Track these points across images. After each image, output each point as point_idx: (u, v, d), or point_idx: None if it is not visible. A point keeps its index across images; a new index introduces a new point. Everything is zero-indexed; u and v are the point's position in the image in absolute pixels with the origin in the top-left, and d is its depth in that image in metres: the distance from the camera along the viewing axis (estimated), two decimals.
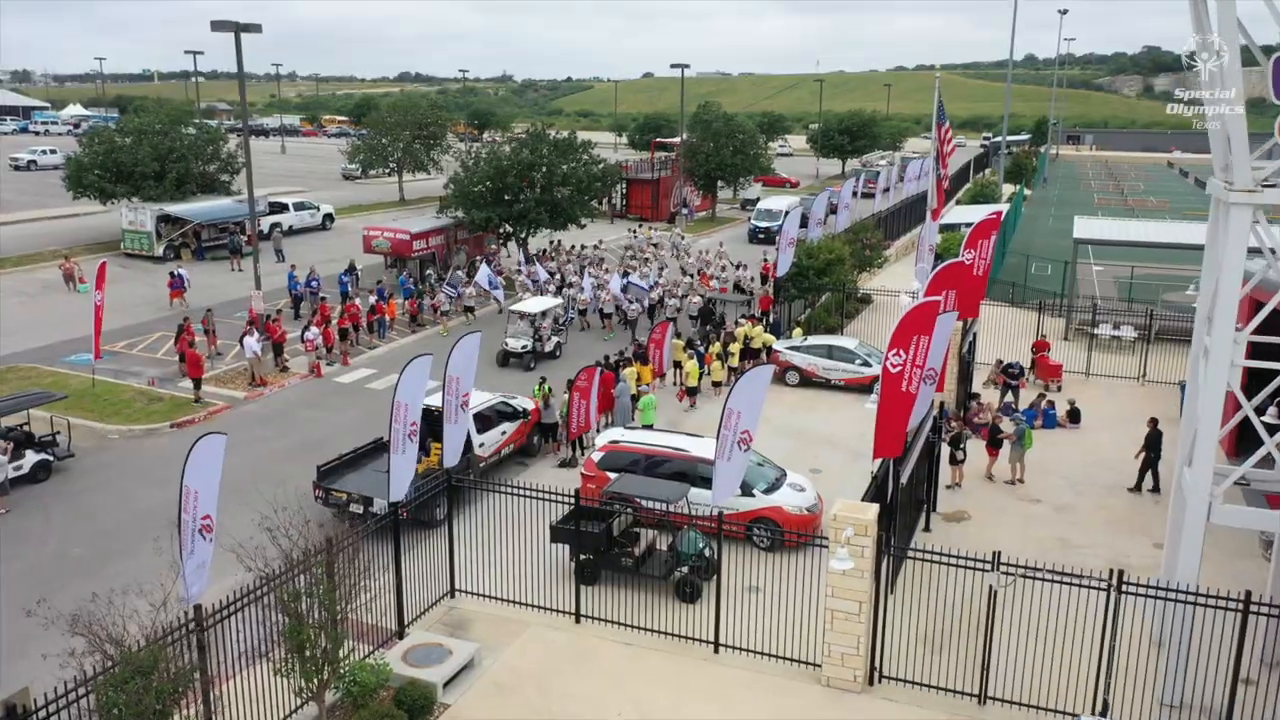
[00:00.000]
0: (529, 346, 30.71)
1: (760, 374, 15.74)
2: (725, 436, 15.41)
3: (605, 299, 35.52)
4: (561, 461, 23.47)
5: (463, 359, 16.90)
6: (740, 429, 15.25)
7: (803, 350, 29.70)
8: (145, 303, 37.82)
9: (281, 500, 20.86)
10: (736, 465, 15.72)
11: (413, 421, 16.02)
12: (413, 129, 65.98)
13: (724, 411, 15.39)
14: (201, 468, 13.47)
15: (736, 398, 15.34)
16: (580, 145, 44.07)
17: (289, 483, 21.48)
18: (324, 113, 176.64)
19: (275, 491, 21.78)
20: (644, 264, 42.02)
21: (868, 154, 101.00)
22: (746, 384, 15.36)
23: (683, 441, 20.30)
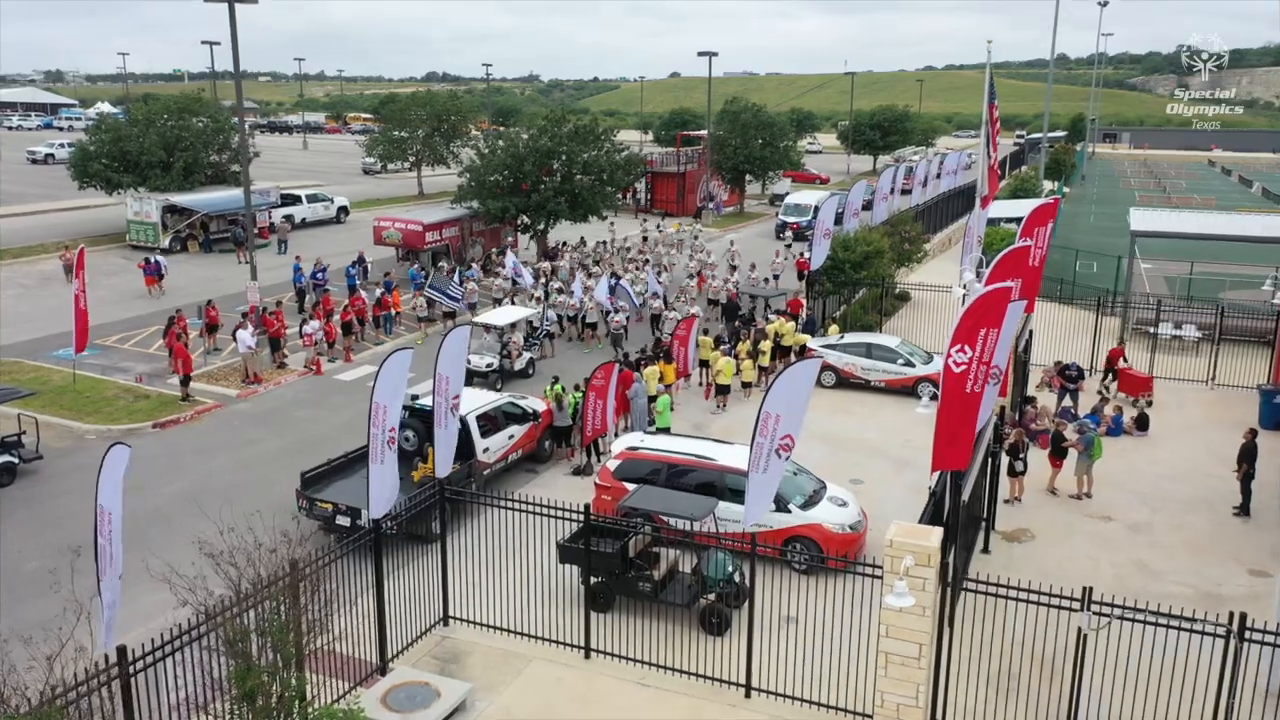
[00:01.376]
0: (495, 365, 26.61)
1: (803, 371, 13.48)
2: (760, 444, 13.20)
3: (590, 307, 31.36)
4: (575, 468, 21.34)
5: (452, 356, 14.79)
6: (779, 435, 13.02)
7: (839, 349, 27.41)
8: (145, 296, 36.07)
9: (270, 505, 19.04)
10: (773, 477, 13.52)
11: (392, 427, 13.92)
12: (432, 121, 64.12)
13: (759, 415, 13.18)
14: (108, 485, 11.37)
15: (775, 399, 13.11)
16: (602, 133, 41.87)
17: (275, 489, 19.62)
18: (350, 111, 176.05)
19: (258, 499, 20.03)
20: (639, 267, 37.16)
21: (900, 149, 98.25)
22: (787, 382, 13.13)
23: (710, 449, 18.09)
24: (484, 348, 27.10)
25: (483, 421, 19.74)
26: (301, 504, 17.77)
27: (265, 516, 18.86)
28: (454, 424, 15.35)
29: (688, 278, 37.88)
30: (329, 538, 17.51)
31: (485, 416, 19.92)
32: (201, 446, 22.26)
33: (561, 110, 41.25)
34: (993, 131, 24.66)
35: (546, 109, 42.02)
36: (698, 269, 38.58)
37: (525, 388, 25.67)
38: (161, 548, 16.21)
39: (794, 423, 13.20)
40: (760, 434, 13.10)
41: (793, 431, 13.18)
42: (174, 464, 21.24)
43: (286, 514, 18.22)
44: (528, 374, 27.65)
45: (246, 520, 16.68)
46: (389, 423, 13.72)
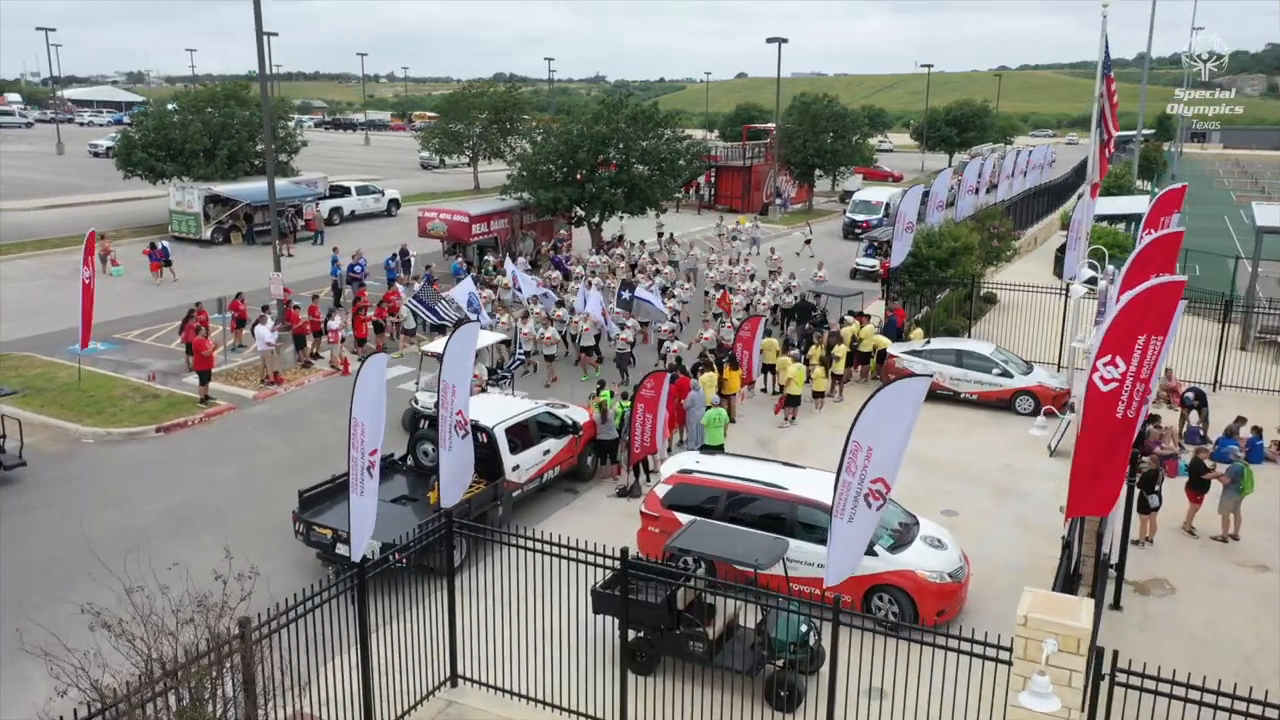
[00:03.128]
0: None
1: (906, 391, 10.41)
2: (846, 484, 10.25)
3: (585, 328, 25.43)
4: (620, 489, 18.54)
5: (459, 359, 12.11)
6: (870, 474, 10.05)
7: (925, 356, 24.21)
8: (178, 288, 34.20)
9: (268, 524, 16.59)
10: (861, 530, 10.55)
11: (373, 450, 11.27)
12: (489, 113, 61.98)
13: (847, 446, 10.23)
14: None
15: (867, 426, 10.14)
16: (663, 119, 38.97)
17: (276, 506, 17.14)
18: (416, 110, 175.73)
19: (256, 516, 17.03)
20: (655, 274, 32.05)
21: (977, 146, 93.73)
22: (885, 404, 10.14)
23: (778, 474, 15.15)
24: (432, 385, 19.95)
25: (513, 434, 17.05)
26: (298, 528, 15.25)
27: (258, 539, 16.32)
28: (462, 444, 12.65)
29: (708, 291, 31.21)
30: (328, 569, 14.98)
31: (516, 429, 17.23)
32: (206, 453, 19.95)
33: (620, 94, 38.38)
34: (1109, 107, 21.25)
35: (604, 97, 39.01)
36: (722, 280, 32.17)
37: None
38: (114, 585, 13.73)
39: (890, 460, 10.22)
40: (847, 470, 10.16)
41: (887, 473, 10.19)
42: (172, 473, 18.95)
43: (284, 536, 15.76)
44: None
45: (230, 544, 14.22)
46: (369, 444, 11.07)
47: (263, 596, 14.39)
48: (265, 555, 15.61)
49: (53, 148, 79.54)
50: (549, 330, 25.17)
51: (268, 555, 15.67)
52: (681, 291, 30.55)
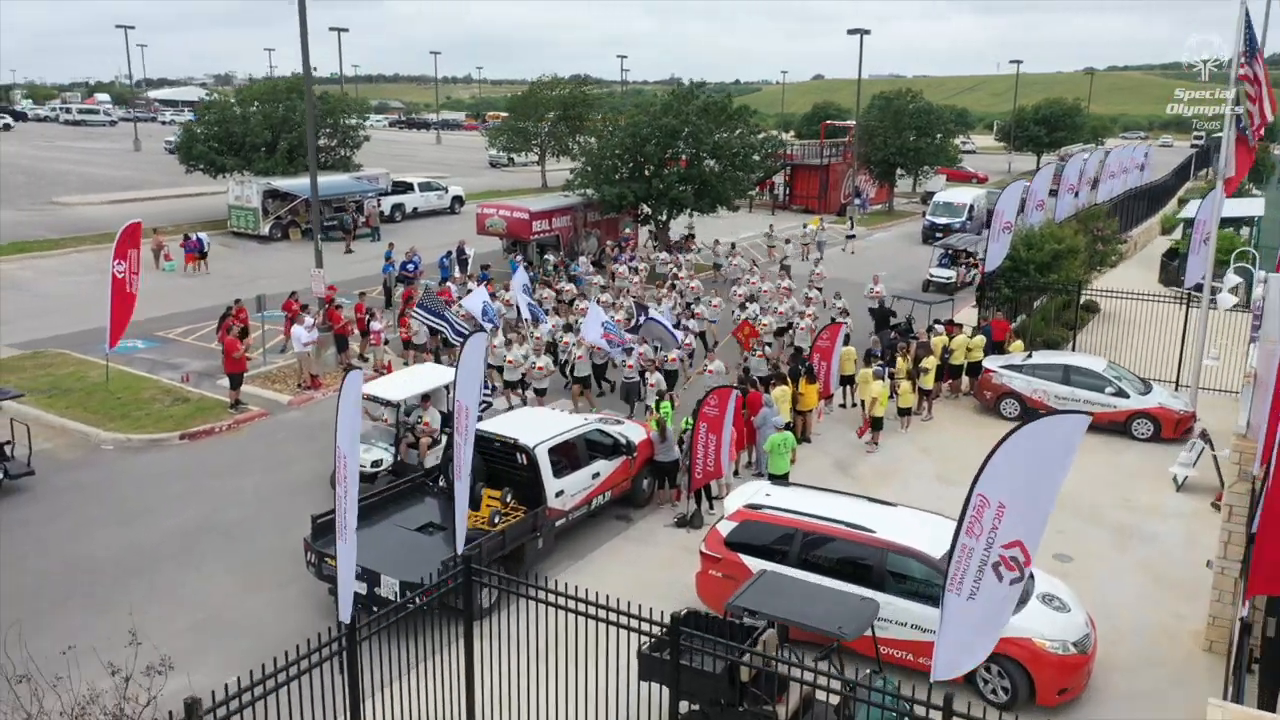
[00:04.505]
0: (381, 463, 16.84)
1: (1055, 430, 7.89)
2: (967, 550, 7.95)
3: (579, 355, 21.35)
4: (679, 518, 16.38)
5: (473, 374, 10.10)
6: (1002, 538, 7.73)
7: (1027, 371, 21.59)
8: (232, 285, 33.00)
9: (283, 550, 14.88)
10: (986, 609, 8.18)
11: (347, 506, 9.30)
12: (558, 110, 60.34)
13: (970, 499, 7.94)
14: None
15: (998, 475, 7.82)
16: (737, 111, 36.62)
17: (294, 530, 15.28)
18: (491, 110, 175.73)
19: (270, 540, 15.07)
20: (671, 287, 28.05)
21: (1067, 147, 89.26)
22: (1026, 448, 7.75)
23: (863, 512, 12.85)
24: (375, 434, 17.46)
25: (557, 455, 15.02)
26: (309, 558, 13.41)
27: (270, 566, 14.32)
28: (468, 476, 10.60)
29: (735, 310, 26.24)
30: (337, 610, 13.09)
31: (561, 449, 15.19)
32: (230, 464, 18.34)
33: (691, 84, 36.15)
34: (1264, 94, 18.32)
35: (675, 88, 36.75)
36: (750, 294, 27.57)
37: None
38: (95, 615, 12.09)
39: (1031, 521, 7.85)
40: (968, 532, 7.86)
41: (1027, 538, 7.83)
42: (191, 486, 17.35)
43: (300, 563, 13.95)
44: (441, 475, 15.74)
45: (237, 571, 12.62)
46: (354, 478, 9.10)
47: (261, 639, 12.67)
48: (277, 585, 13.93)
49: (131, 144, 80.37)
50: (540, 359, 20.82)
51: (279, 586, 13.96)
52: (709, 309, 25.90)
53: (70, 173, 61.83)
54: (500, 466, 14.86)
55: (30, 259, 36.19)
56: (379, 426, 17.66)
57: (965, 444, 20.28)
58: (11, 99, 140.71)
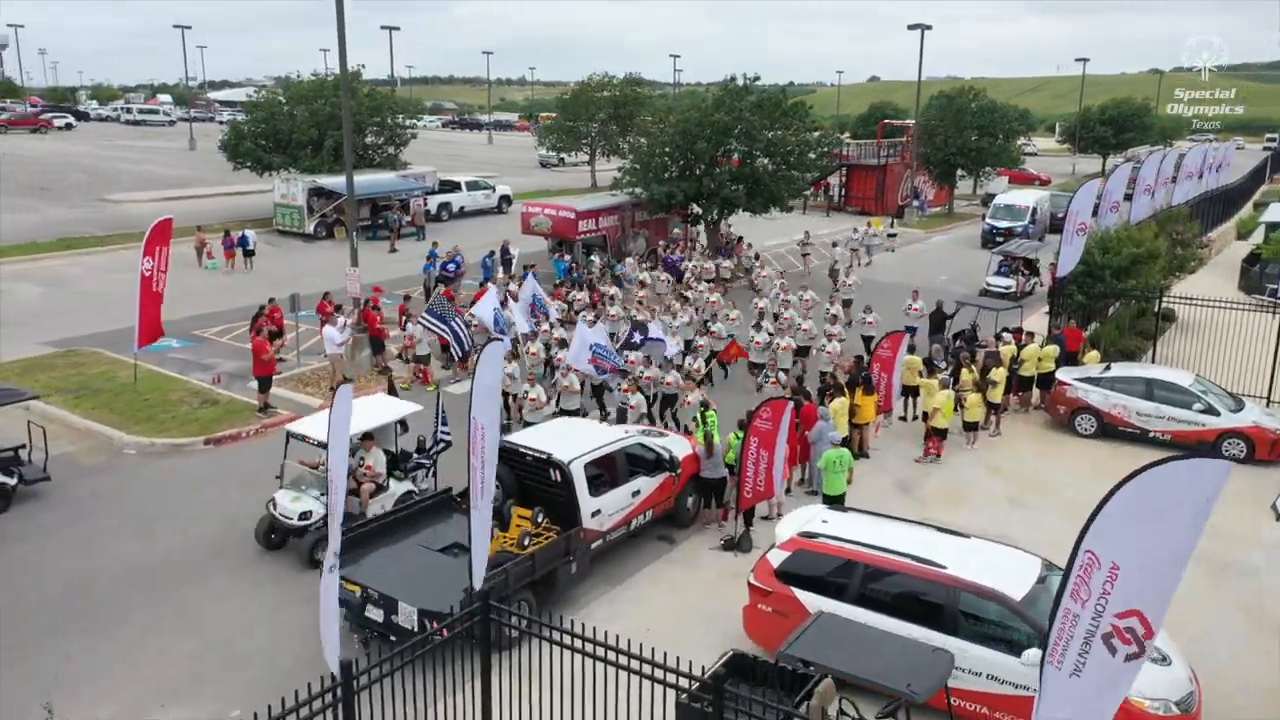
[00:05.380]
0: (310, 515, 14.09)
1: (1188, 477, 6.34)
2: (1071, 616, 6.61)
3: (566, 385, 18.77)
4: (726, 541, 15.12)
5: (490, 390, 8.99)
6: (1115, 605, 6.38)
7: (1105, 385, 19.98)
8: (274, 283, 32.38)
9: (298, 569, 13.93)
10: (1093, 685, 6.80)
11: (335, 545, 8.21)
12: (608, 109, 59.33)
13: (1076, 556, 6.61)
14: None
15: (1112, 528, 6.47)
16: (792, 107, 35.20)
17: (288, 553, 14.38)
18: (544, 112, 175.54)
19: (286, 558, 14.05)
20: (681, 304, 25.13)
21: (1135, 148, 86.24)
22: (1148, 498, 6.34)
23: (933, 544, 11.50)
24: (303, 481, 14.78)
25: (594, 471, 13.86)
26: None
27: (283, 585, 13.38)
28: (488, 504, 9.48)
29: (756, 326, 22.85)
30: (353, 638, 12.09)
31: (599, 464, 14.03)
32: (253, 473, 17.38)
33: (744, 79, 34.76)
34: None
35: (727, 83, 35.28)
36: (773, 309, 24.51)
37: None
38: None
39: (1154, 588, 6.44)
40: (1073, 595, 6.54)
41: (1148, 607, 6.42)
42: (210, 495, 16.49)
43: (316, 582, 12.93)
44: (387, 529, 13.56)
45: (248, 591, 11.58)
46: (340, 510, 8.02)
47: (268, 669, 11.69)
48: (291, 607, 12.95)
49: (187, 144, 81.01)
50: (534, 390, 18.25)
51: (293, 608, 12.98)
52: (726, 325, 23.24)
53: (125, 171, 62.27)
54: (532, 483, 13.75)
55: (76, 255, 36.03)
56: (299, 471, 14.92)
57: (1038, 463, 18.81)
58: (76, 99, 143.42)
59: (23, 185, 52.89)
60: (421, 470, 15.76)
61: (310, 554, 13.80)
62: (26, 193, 50.37)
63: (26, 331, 25.61)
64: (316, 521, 13.98)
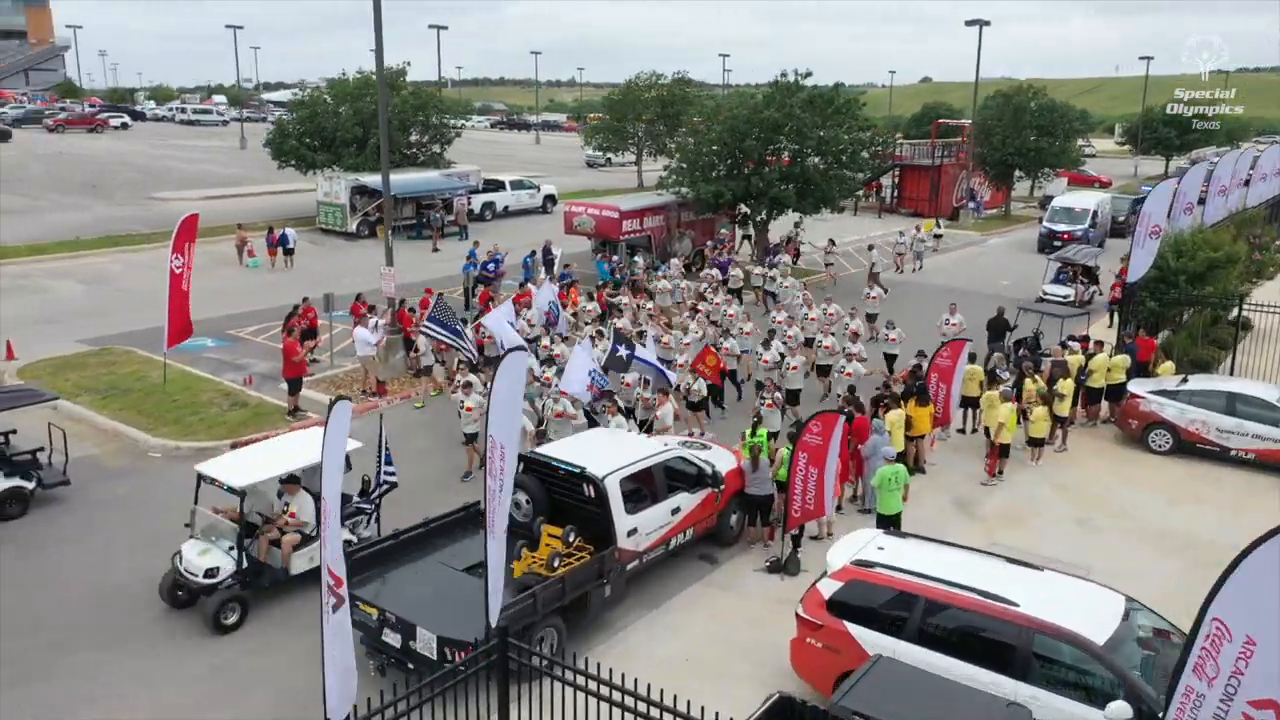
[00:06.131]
0: (219, 572, 12.31)
1: None
2: (1193, 694, 5.56)
3: (559, 411, 16.90)
4: (771, 562, 14.12)
5: (509, 404, 8.10)
6: (1251, 689, 5.31)
7: (1182, 398, 18.62)
8: (314, 282, 31.94)
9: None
10: None
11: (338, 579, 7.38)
12: (655, 108, 58.41)
13: (1199, 626, 5.54)
14: None
15: (1244, 594, 5.37)
16: (845, 104, 33.98)
17: None
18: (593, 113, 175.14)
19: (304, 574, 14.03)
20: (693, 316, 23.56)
21: (1200, 149, 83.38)
22: None
23: (1002, 576, 10.39)
24: (215, 531, 12.91)
25: (631, 487, 12.93)
26: None
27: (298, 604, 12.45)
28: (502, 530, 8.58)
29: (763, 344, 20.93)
30: (369, 664, 11.28)
31: (636, 479, 13.10)
32: None
33: (796, 75, 33.57)
34: None
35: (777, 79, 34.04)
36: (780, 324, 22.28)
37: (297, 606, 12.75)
38: None
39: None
40: (1197, 670, 5.53)
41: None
42: None
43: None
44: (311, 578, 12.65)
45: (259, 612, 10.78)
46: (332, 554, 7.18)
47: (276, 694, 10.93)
48: (305, 627, 12.15)
49: (238, 143, 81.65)
50: (528, 421, 16.34)
51: (308, 628, 12.09)
52: (741, 339, 21.47)
53: (175, 169, 62.75)
54: (563, 498, 12.85)
55: (120, 253, 35.94)
56: (209, 518, 12.99)
57: (1108, 481, 17.54)
58: (134, 100, 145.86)
59: (75, 183, 53.41)
60: (362, 517, 13.70)
61: (215, 618, 11.99)
62: (77, 190, 50.79)
63: (64, 329, 25.36)
64: (225, 579, 12.20)
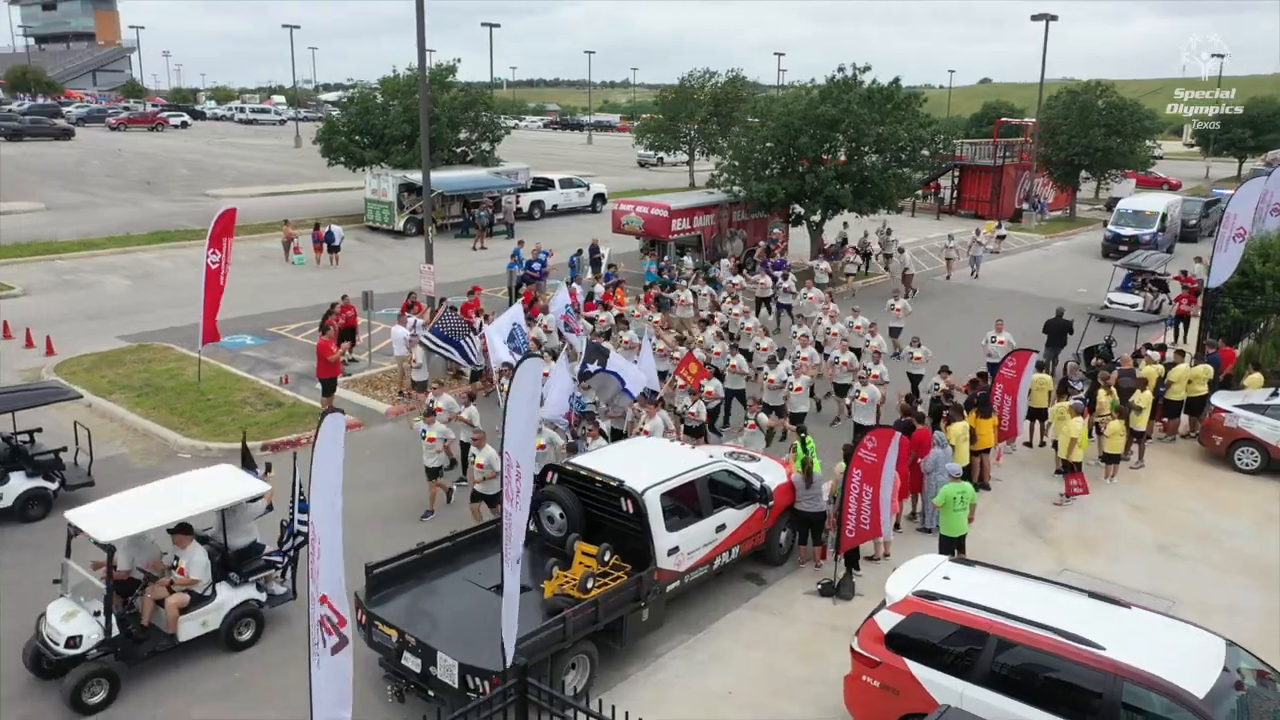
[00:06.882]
0: (81, 641, 10.35)
1: None
2: None
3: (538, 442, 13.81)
4: (824, 585, 13.10)
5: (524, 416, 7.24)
6: None
7: (1272, 412, 17.24)
8: (358, 280, 31.55)
9: None
10: None
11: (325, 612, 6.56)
12: (709, 106, 57.37)
13: None
14: None
15: None
16: (905, 99, 32.68)
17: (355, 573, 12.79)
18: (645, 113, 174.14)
19: None
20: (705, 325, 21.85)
21: (1275, 150, 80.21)
22: None
23: (1086, 615, 9.27)
24: (85, 591, 10.90)
25: (672, 502, 12.01)
26: (360, 618, 10.85)
27: None
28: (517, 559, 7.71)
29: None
30: (387, 689, 10.51)
31: (678, 494, 12.17)
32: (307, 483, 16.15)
33: (854, 69, 32.30)
34: None
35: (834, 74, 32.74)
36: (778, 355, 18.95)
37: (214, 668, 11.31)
38: None
39: None
40: None
41: None
42: None
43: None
44: (242, 640, 11.52)
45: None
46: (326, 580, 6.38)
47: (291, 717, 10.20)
48: None
49: (293, 141, 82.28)
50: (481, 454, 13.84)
51: None
52: (756, 354, 19.60)
53: (230, 167, 63.20)
54: (599, 513, 11.98)
55: (168, 249, 35.87)
56: (78, 576, 11.00)
57: (1191, 503, 16.25)
58: (196, 100, 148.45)
59: (131, 179, 53.95)
60: (273, 570, 11.93)
61: (74, 696, 10.08)
62: (132, 186, 51.23)
63: (106, 325, 25.14)
64: (89, 649, 10.31)
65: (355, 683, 10.83)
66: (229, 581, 11.53)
